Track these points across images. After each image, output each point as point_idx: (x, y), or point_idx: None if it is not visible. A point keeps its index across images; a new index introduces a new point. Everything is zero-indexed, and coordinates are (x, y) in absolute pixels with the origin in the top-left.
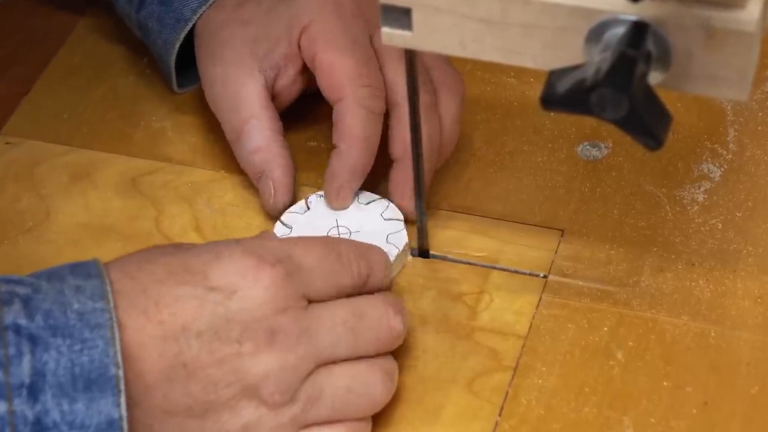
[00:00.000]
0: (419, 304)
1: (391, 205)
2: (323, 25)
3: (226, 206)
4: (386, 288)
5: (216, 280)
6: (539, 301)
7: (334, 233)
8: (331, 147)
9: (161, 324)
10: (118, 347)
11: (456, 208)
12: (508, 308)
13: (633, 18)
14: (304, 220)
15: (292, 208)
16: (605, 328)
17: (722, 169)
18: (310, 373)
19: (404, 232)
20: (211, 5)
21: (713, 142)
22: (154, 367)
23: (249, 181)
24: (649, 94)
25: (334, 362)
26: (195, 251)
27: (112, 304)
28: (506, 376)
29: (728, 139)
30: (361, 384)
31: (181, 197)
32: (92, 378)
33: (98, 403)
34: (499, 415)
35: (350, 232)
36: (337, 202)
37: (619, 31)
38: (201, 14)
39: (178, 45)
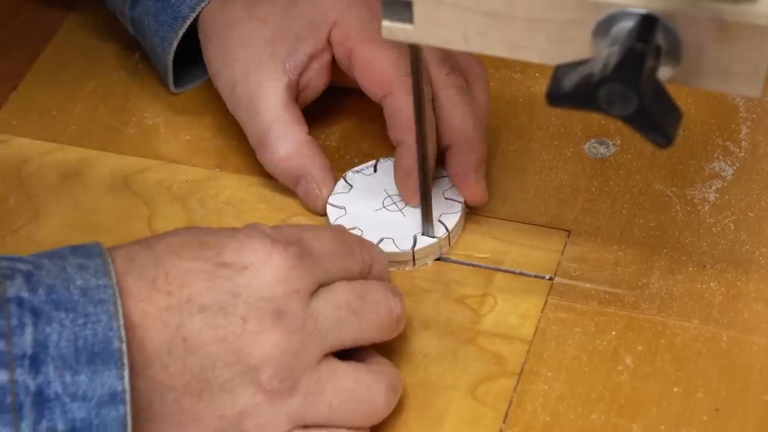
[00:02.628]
0: (421, 307)
1: (454, 187)
2: (354, 19)
3: (221, 206)
4: (386, 280)
5: (228, 257)
6: (545, 304)
7: (388, 202)
8: (330, 142)
9: (168, 294)
10: (122, 322)
11: None
12: (512, 311)
13: (642, 11)
14: (369, 182)
15: (359, 167)
16: (613, 332)
17: (734, 168)
18: (314, 364)
19: (458, 215)
20: (209, 2)
21: (725, 140)
22: (155, 337)
23: (245, 180)
24: (659, 90)
25: (339, 351)
26: (213, 230)
27: (115, 281)
28: (511, 381)
29: (741, 136)
30: (364, 391)
31: (174, 196)
32: (95, 351)
33: (101, 375)
34: (504, 422)
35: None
36: (416, 200)
37: (628, 24)
38: (199, 11)
39: (176, 43)
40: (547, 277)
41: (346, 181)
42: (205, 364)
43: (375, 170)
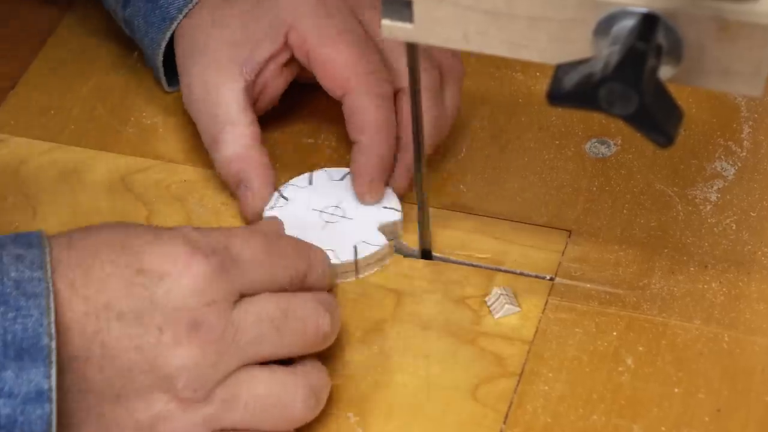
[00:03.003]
0: (421, 307)
1: (393, 194)
2: (310, 21)
3: (220, 206)
4: (325, 288)
5: (147, 263)
6: (545, 304)
7: (325, 213)
8: (329, 143)
9: (86, 299)
10: (53, 318)
11: (459, 208)
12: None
13: (643, 10)
14: (304, 196)
15: (294, 180)
16: (614, 333)
17: (736, 167)
18: (230, 373)
19: (397, 224)
20: (196, 4)
21: (727, 139)
22: (73, 341)
23: None
24: (660, 89)
25: (258, 362)
26: (140, 230)
27: (50, 274)
28: (511, 382)
29: (742, 135)
30: (281, 397)
31: (172, 196)
32: (24, 347)
33: (28, 372)
34: (504, 423)
35: (342, 211)
36: (370, 197)
37: (629, 23)
38: (187, 12)
39: (164, 44)
40: (548, 278)
41: (281, 194)
42: (122, 371)
43: (310, 182)
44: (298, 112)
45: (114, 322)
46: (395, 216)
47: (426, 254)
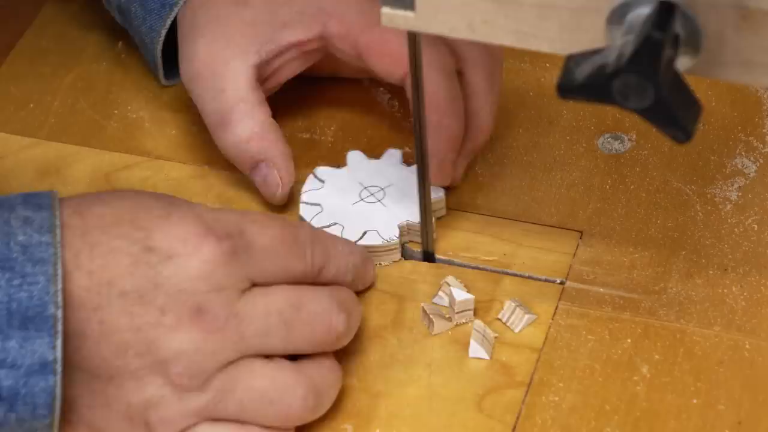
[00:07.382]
0: None
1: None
2: (352, 8)
3: (210, 205)
4: (347, 284)
5: (156, 241)
6: (556, 309)
7: (364, 193)
8: (325, 138)
9: (89, 274)
10: (60, 286)
11: (464, 207)
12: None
13: None
14: (340, 176)
15: (307, 187)
16: (629, 340)
17: (758, 164)
18: (230, 363)
19: (440, 203)
20: None
21: (748, 134)
22: (71, 316)
23: (235, 177)
24: (677, 82)
25: (263, 355)
26: (152, 202)
27: (58, 239)
28: (519, 393)
29: (764, 131)
30: (279, 393)
31: None
32: (29, 316)
33: (33, 342)
34: None
35: (382, 190)
36: (440, 179)
37: (644, 11)
38: None
39: (164, 32)
40: (558, 281)
41: (316, 176)
42: (118, 351)
43: (346, 164)
44: (292, 107)
45: (115, 299)
46: (437, 194)
47: (429, 257)
